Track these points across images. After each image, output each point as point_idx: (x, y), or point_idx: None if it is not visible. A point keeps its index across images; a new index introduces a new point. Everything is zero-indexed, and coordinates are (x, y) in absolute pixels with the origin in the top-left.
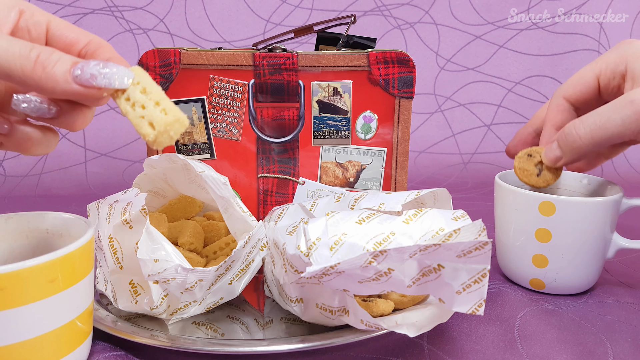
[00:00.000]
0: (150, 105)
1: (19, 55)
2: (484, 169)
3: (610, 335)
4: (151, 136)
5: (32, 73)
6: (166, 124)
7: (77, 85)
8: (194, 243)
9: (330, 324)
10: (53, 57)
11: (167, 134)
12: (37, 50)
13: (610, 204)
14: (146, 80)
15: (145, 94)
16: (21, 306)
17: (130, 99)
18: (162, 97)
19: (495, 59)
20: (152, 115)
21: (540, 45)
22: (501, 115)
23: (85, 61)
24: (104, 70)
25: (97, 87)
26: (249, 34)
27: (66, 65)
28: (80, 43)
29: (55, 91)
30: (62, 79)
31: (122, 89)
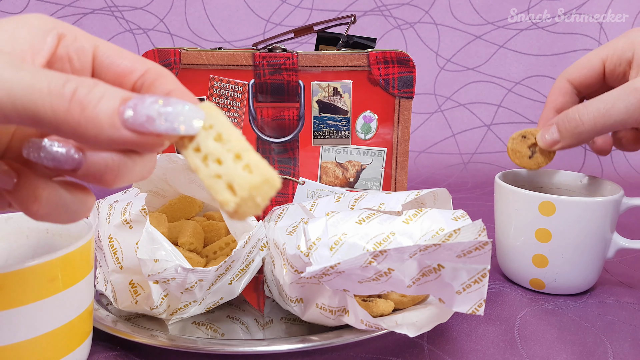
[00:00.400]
0: (228, 159)
1: (48, 93)
2: (484, 169)
3: (610, 335)
4: (231, 205)
5: (67, 116)
6: (252, 187)
7: (129, 132)
8: (194, 243)
9: (330, 324)
10: (95, 92)
11: (253, 200)
12: (73, 84)
13: (610, 204)
14: (221, 123)
15: (221, 143)
16: (21, 306)
17: (201, 150)
18: (245, 146)
19: (495, 59)
20: (232, 175)
21: (540, 45)
22: (501, 115)
23: (139, 97)
24: (164, 110)
25: (155, 133)
26: (249, 34)
27: (113, 103)
28: (136, 73)
29: (99, 140)
30: (107, 122)
31: (190, 136)
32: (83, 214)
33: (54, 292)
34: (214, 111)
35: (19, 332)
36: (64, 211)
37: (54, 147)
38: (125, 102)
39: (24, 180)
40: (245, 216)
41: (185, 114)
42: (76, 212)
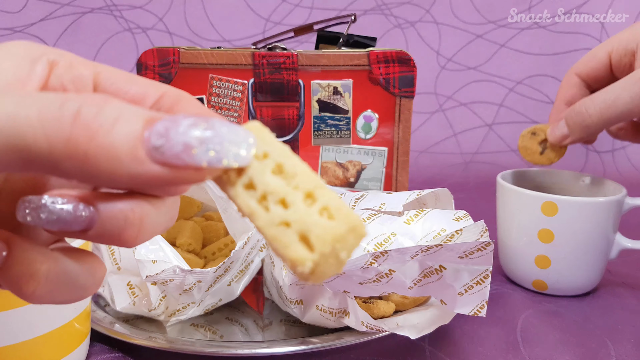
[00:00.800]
0: (297, 200)
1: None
2: (486, 169)
3: (613, 336)
4: (308, 265)
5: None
6: (335, 238)
7: (158, 166)
8: (193, 244)
9: (331, 325)
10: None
11: (336, 256)
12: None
13: (613, 204)
14: (280, 150)
15: (283, 177)
16: (18, 307)
17: (256, 187)
18: (318, 183)
19: (496, 59)
20: (306, 223)
21: (542, 44)
22: (502, 114)
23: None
24: (207, 135)
25: (194, 166)
26: (249, 33)
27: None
28: (148, 99)
29: (116, 179)
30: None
31: (239, 168)
32: (92, 288)
33: None
34: (266, 134)
35: (16, 334)
36: (68, 288)
37: (57, 205)
38: (150, 124)
39: (16, 252)
40: (324, 278)
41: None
42: (84, 288)
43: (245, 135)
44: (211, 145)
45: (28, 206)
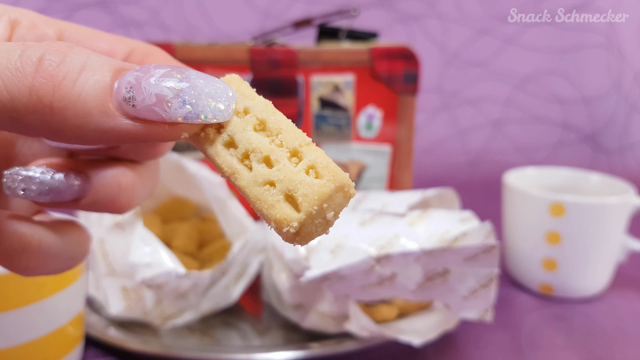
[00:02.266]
0: (283, 158)
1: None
2: (491, 168)
3: (621, 342)
4: (294, 225)
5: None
6: (322, 198)
7: (129, 120)
8: (189, 245)
9: (331, 330)
10: (73, 60)
11: (323, 216)
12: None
13: (622, 205)
14: (262, 105)
15: (266, 134)
16: (9, 310)
17: (237, 145)
18: (303, 139)
19: (502, 55)
20: (293, 182)
21: (549, 41)
22: (508, 112)
23: (140, 68)
24: (182, 85)
25: (169, 121)
26: (247, 27)
27: (102, 76)
28: (118, 55)
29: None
30: (96, 107)
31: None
32: (81, 257)
33: (42, 296)
34: (245, 88)
35: (7, 338)
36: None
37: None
38: (119, 74)
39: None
40: (311, 239)
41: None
42: (72, 259)
43: (224, 88)
44: (187, 98)
45: (16, 179)
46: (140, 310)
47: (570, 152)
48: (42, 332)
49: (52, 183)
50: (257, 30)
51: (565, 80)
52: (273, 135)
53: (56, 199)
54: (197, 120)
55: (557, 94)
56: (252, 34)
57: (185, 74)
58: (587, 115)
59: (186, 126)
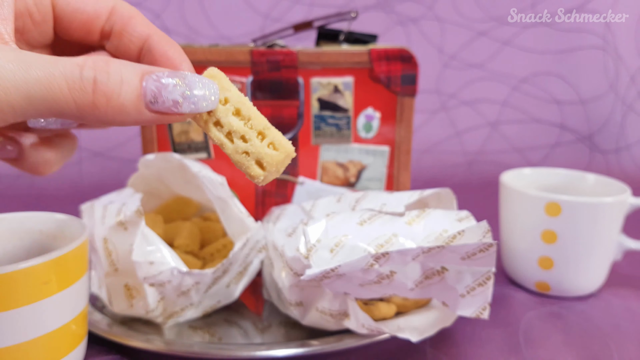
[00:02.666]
0: (253, 137)
1: (68, 89)
2: (489, 169)
3: (617, 339)
4: (261, 178)
5: (94, 109)
6: (278, 162)
7: (153, 114)
8: (191, 245)
9: (331, 328)
10: (114, 77)
11: (277, 172)
12: (91, 72)
13: (617, 205)
14: (235, 97)
15: (241, 119)
16: (14, 309)
17: (223, 125)
18: (266, 124)
19: (500, 56)
20: (260, 153)
21: (546, 42)
22: (506, 113)
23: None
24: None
25: (179, 114)
26: (248, 30)
27: (135, 85)
28: (102, 16)
29: (125, 123)
30: (134, 109)
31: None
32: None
33: (47, 294)
34: (224, 81)
35: (11, 336)
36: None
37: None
38: (144, 76)
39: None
40: (268, 181)
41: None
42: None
43: (212, 86)
44: (191, 100)
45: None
46: (142, 308)
47: (567, 152)
48: (46, 330)
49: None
50: (257, 33)
51: (562, 82)
52: (245, 120)
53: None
54: (196, 112)
55: (554, 95)
56: (252, 36)
57: (187, 82)
58: (584, 116)
59: (189, 115)
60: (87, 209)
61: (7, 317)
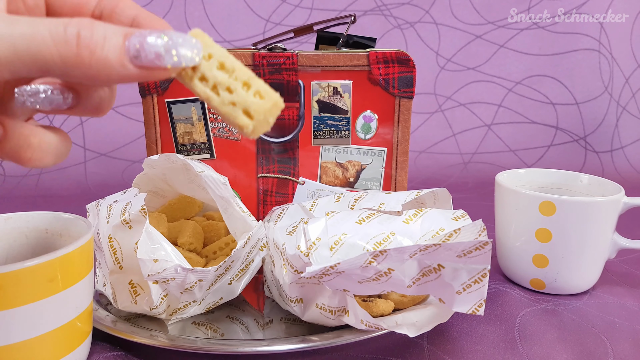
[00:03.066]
0: (238, 87)
1: (52, 41)
2: (485, 169)
3: (611, 335)
4: (250, 127)
5: (78, 61)
6: (265, 110)
7: (137, 69)
8: (194, 243)
9: (330, 324)
10: (98, 33)
11: (266, 121)
12: (74, 28)
13: (610, 204)
14: (219, 52)
15: (226, 72)
16: (20, 306)
17: (208, 80)
18: (250, 74)
19: (495, 59)
20: (247, 102)
21: (541, 45)
22: (502, 115)
23: (139, 33)
24: (168, 44)
25: (163, 67)
26: (249, 34)
27: (117, 41)
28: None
29: (111, 79)
30: (117, 62)
31: (193, 67)
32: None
33: (53, 292)
34: (206, 39)
35: (18, 332)
36: (51, 154)
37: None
38: (127, 38)
39: (11, 129)
40: (260, 134)
41: (187, 45)
42: (61, 154)
43: (194, 41)
44: (173, 52)
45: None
46: (146, 305)
47: (562, 153)
48: (52, 327)
49: (52, 97)
50: (258, 36)
51: (557, 83)
52: (230, 72)
53: (56, 107)
54: (179, 65)
55: (549, 97)
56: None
57: (169, 35)
58: (578, 118)
59: (173, 69)
60: (93, 208)
61: (14, 315)
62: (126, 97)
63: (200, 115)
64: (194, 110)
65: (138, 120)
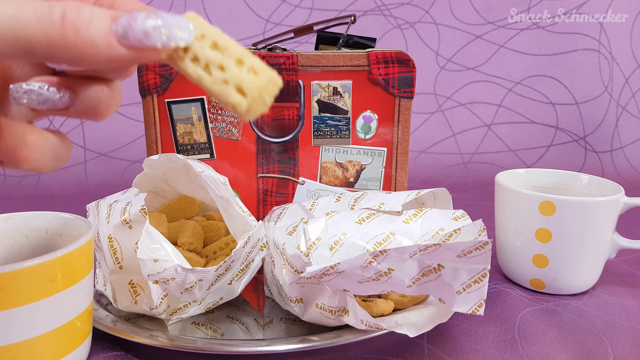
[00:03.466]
0: (231, 65)
1: (36, 20)
2: (485, 169)
3: (611, 335)
4: (244, 105)
5: (63, 40)
6: (260, 87)
7: (125, 49)
8: (194, 243)
9: (330, 324)
10: (84, 13)
11: (262, 99)
12: (60, 9)
13: (610, 204)
14: (212, 31)
15: (219, 51)
16: (20, 306)
17: (200, 59)
18: (244, 51)
19: (495, 59)
20: (240, 79)
21: (541, 45)
22: (501, 115)
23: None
24: (159, 23)
25: (153, 47)
26: (249, 34)
27: (104, 22)
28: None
29: (97, 60)
30: (104, 42)
31: (184, 47)
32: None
33: (53, 292)
34: (200, 20)
35: (18, 332)
36: (49, 156)
37: (44, 88)
38: (115, 20)
39: (6, 128)
40: (256, 114)
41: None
42: (61, 157)
43: (186, 22)
44: (162, 31)
45: (20, 91)
46: (146, 305)
47: (562, 153)
48: (52, 327)
49: (48, 94)
50: (258, 37)
51: (557, 83)
52: (223, 50)
53: (51, 106)
54: (169, 45)
55: (549, 97)
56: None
57: (158, 14)
58: (578, 118)
59: (163, 49)
60: (93, 208)
61: (14, 315)
62: (126, 97)
63: (200, 115)
64: (194, 110)
65: (138, 120)
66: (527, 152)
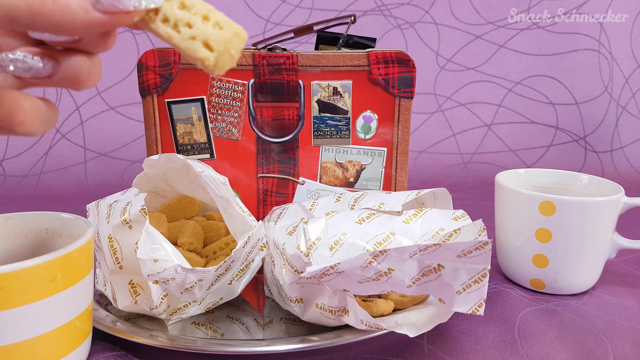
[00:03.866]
0: (197, 21)
1: None
2: (485, 169)
3: (611, 335)
4: (211, 59)
5: (42, 8)
6: (225, 41)
7: (100, 14)
8: (194, 243)
9: (330, 324)
10: None
11: (228, 53)
12: None
13: (610, 204)
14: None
15: (186, 10)
16: (20, 306)
17: (169, 19)
18: (209, 8)
19: (495, 59)
20: (206, 34)
21: (541, 45)
22: (501, 115)
23: None
24: None
25: (125, 11)
26: (249, 34)
27: None
28: None
29: (75, 26)
30: (80, 8)
31: (155, 9)
32: (54, 122)
33: (53, 292)
34: None
35: (18, 332)
36: (42, 120)
37: (29, 58)
38: None
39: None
40: (224, 69)
41: None
42: (50, 121)
43: None
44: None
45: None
46: (146, 305)
47: (562, 153)
48: (52, 327)
49: (32, 62)
50: (258, 36)
51: (557, 83)
52: (190, 9)
53: (35, 74)
54: (141, 7)
55: (549, 97)
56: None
57: None
58: (578, 118)
59: (135, 12)
60: (93, 208)
61: (14, 315)
62: (126, 97)
63: (200, 115)
64: (194, 110)
65: (138, 120)
66: (527, 152)
